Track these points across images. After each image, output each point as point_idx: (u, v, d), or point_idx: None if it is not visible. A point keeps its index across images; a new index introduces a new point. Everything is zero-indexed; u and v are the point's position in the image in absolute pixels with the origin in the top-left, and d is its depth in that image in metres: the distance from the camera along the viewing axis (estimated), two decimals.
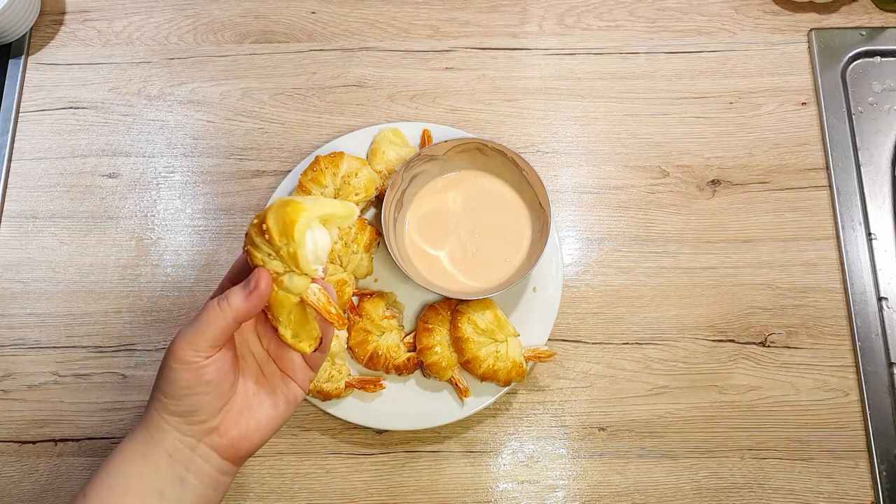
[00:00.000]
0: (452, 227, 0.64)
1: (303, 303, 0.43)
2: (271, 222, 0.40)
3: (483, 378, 0.60)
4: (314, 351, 0.44)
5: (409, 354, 0.62)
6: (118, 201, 0.71)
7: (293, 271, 0.41)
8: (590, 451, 0.63)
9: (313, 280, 0.42)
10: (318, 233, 0.41)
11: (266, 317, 0.43)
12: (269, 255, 0.41)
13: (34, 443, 0.64)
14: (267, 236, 0.40)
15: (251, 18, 0.77)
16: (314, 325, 0.44)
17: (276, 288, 0.41)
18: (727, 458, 0.62)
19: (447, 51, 0.75)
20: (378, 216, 0.64)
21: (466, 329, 0.60)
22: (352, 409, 0.61)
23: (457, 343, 0.60)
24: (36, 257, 0.69)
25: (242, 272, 0.44)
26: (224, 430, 0.43)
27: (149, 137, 0.73)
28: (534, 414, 0.64)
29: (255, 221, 0.41)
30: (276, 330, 0.43)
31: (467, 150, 0.63)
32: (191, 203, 0.71)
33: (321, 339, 0.44)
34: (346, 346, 0.62)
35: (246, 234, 0.42)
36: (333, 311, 0.43)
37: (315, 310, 0.42)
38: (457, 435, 0.63)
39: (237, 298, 0.40)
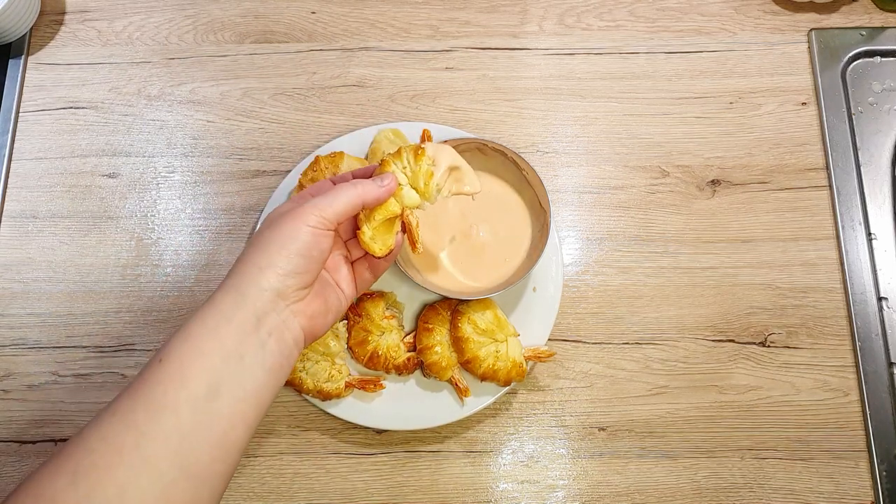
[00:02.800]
0: (452, 228, 0.64)
1: (396, 218, 0.51)
2: (429, 149, 0.51)
3: (483, 378, 0.60)
4: (382, 257, 0.51)
5: (409, 354, 0.62)
6: (118, 201, 0.71)
7: (415, 188, 0.50)
8: (590, 451, 0.63)
9: (418, 207, 0.51)
10: (446, 174, 0.51)
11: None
12: (404, 168, 0.50)
13: (34, 443, 0.64)
14: (419, 154, 0.50)
15: (251, 18, 0.77)
16: (392, 237, 0.51)
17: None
18: (727, 458, 0.62)
19: (447, 51, 0.75)
20: None
21: (466, 329, 0.60)
22: (352, 409, 0.61)
23: (457, 343, 0.60)
24: (36, 257, 0.69)
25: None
26: (306, 303, 0.46)
27: (149, 137, 0.73)
28: (534, 414, 0.64)
29: (410, 145, 0.51)
30: (356, 229, 0.50)
31: (467, 150, 0.63)
32: (191, 203, 0.71)
33: (392, 250, 0.51)
34: (346, 346, 0.62)
35: (397, 151, 0.51)
36: (418, 236, 0.51)
37: (407, 227, 0.51)
38: (457, 435, 0.63)
39: (370, 185, 0.48)
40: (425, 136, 0.67)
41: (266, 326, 0.43)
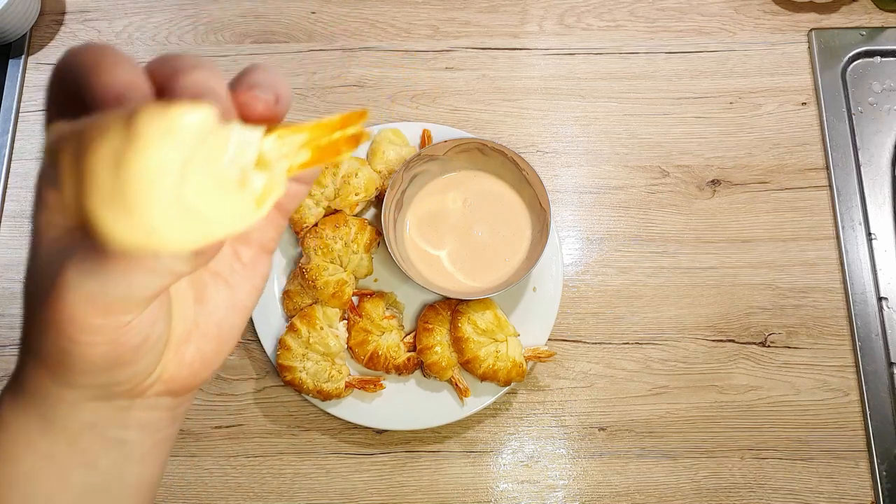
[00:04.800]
0: (452, 228, 0.64)
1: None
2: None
3: (483, 378, 0.60)
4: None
5: (409, 354, 0.62)
6: None
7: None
8: (590, 451, 0.63)
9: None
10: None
11: None
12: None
13: None
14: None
15: (251, 18, 0.77)
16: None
17: None
18: (727, 458, 0.62)
19: (447, 51, 0.75)
20: (378, 216, 0.64)
21: (466, 329, 0.60)
22: (352, 409, 0.61)
23: (457, 343, 0.60)
24: None
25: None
26: (168, 377, 0.27)
27: None
28: (534, 414, 0.64)
29: None
30: None
31: (467, 150, 0.63)
32: None
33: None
34: (346, 346, 0.62)
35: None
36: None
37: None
38: (457, 435, 0.63)
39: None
40: (425, 137, 0.67)
41: (112, 425, 0.26)
